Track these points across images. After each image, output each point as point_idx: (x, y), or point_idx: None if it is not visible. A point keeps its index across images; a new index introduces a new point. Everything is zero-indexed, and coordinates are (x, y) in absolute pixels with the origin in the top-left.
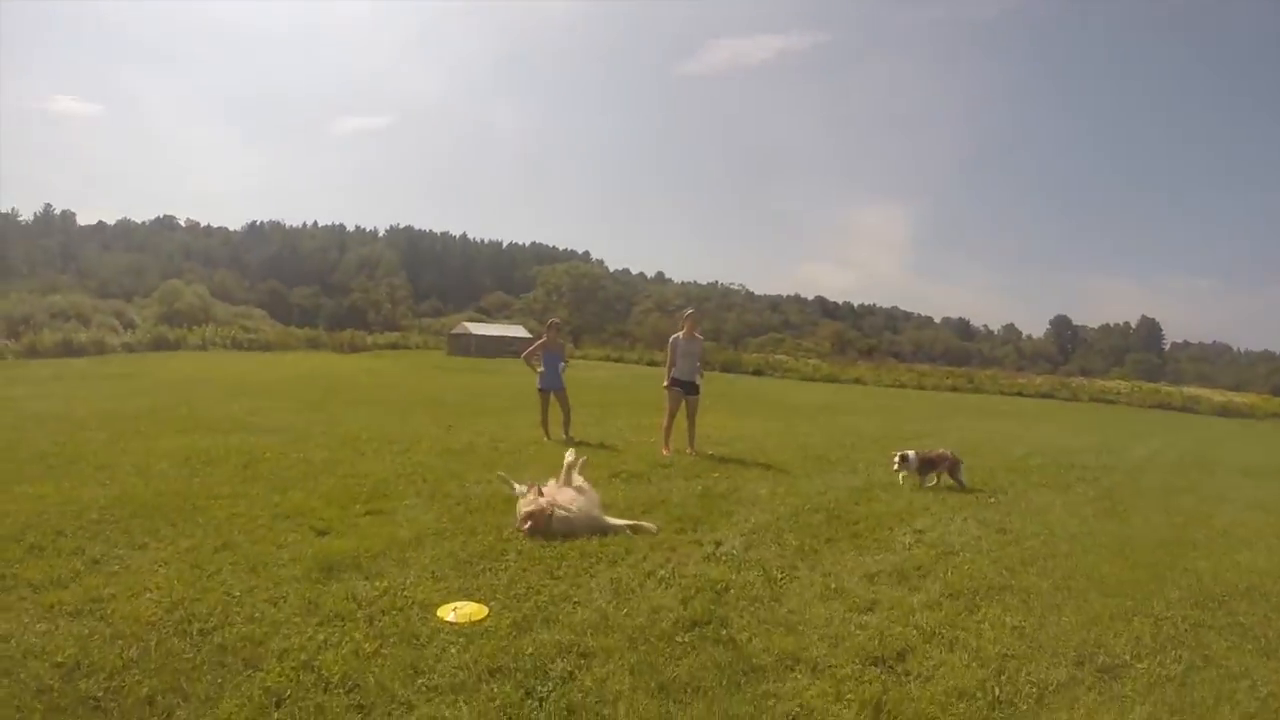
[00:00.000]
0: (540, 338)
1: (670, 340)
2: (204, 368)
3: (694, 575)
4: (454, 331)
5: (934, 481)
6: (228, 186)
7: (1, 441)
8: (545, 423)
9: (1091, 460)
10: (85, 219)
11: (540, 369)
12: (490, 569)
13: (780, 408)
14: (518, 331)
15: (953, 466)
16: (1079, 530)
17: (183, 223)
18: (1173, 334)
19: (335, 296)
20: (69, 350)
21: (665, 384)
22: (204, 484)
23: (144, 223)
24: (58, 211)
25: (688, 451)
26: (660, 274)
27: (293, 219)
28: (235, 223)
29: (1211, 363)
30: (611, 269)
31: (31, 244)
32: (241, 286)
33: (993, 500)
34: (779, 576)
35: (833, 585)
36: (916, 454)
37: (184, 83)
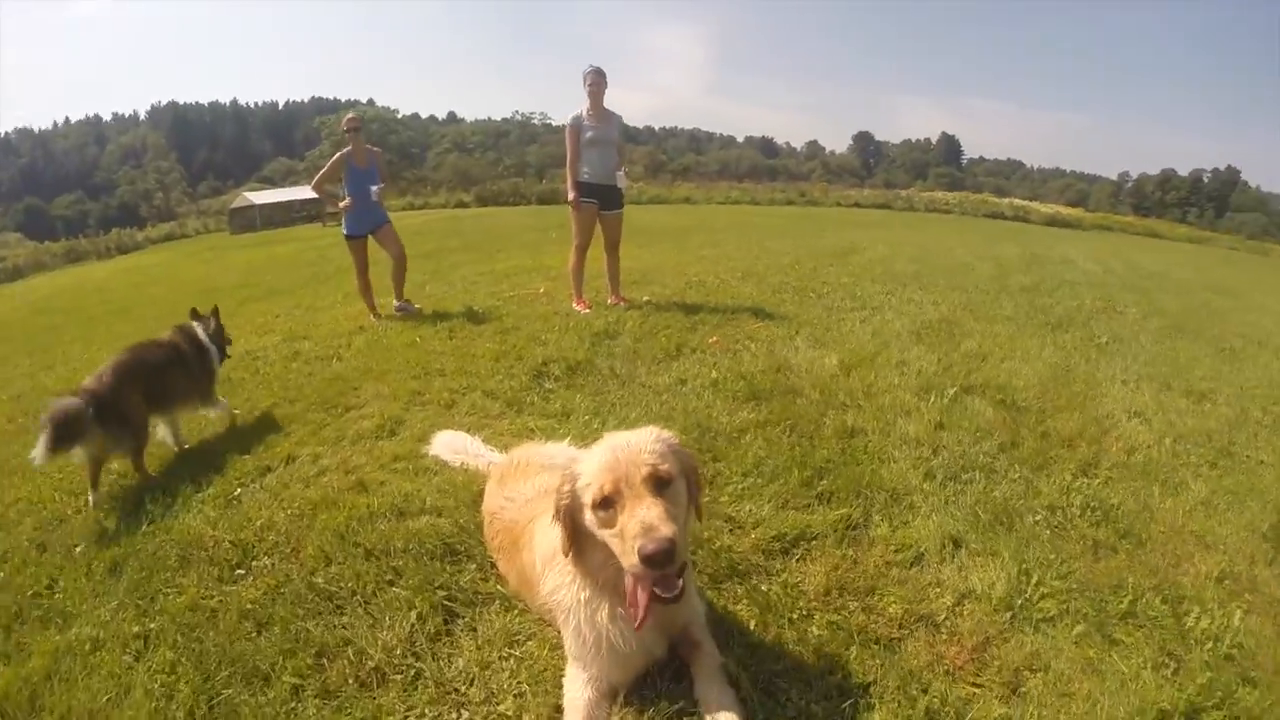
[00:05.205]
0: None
1: (569, 123)
2: None
3: None
4: (234, 206)
5: None
6: None
7: None
8: (368, 289)
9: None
10: None
11: (345, 201)
12: None
13: (643, 233)
14: (308, 193)
15: None
16: None
17: None
18: (970, 150)
19: (101, 198)
20: None
21: (571, 197)
22: None
23: None
24: None
25: (612, 301)
26: (452, 114)
27: (40, 122)
28: None
29: (1007, 177)
30: (400, 115)
31: None
32: None
33: None
34: None
35: None
36: None
37: None
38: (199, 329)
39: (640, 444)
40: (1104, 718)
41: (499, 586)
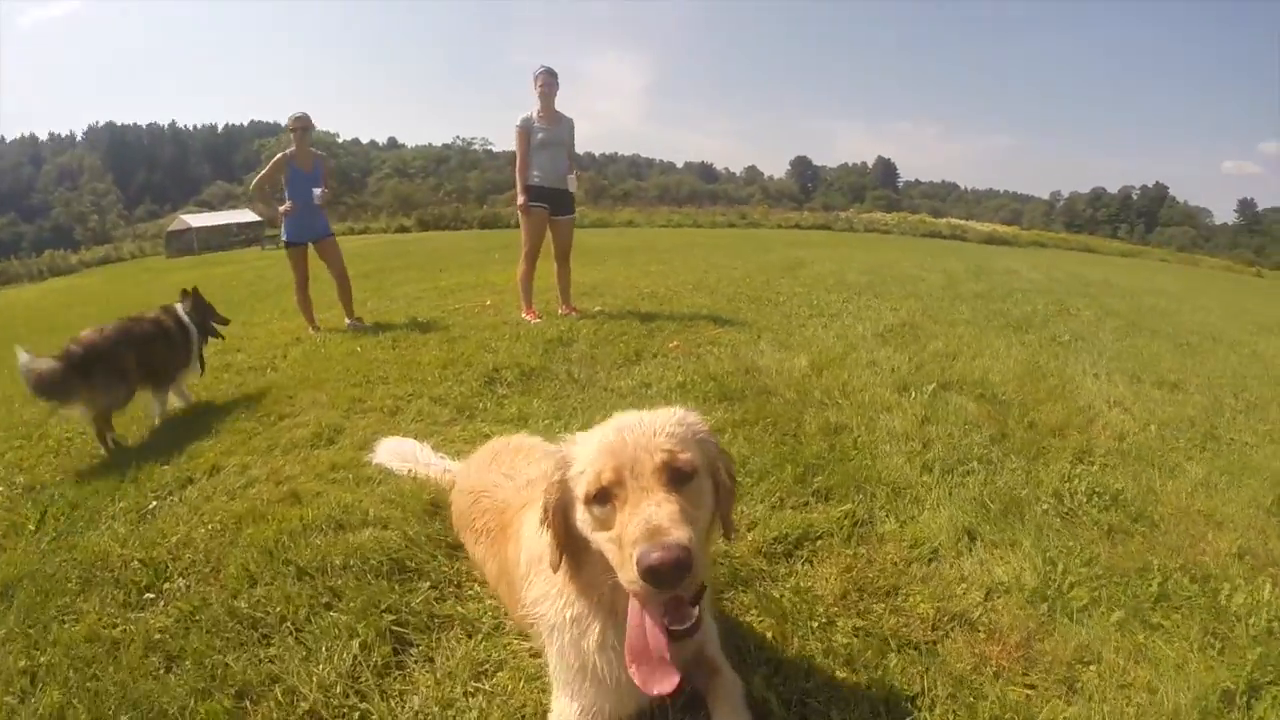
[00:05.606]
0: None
1: (519, 125)
2: None
3: None
4: (171, 229)
5: None
6: None
7: None
8: (307, 303)
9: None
10: None
11: (285, 206)
12: None
13: (589, 253)
14: (247, 216)
15: None
16: None
17: None
18: (906, 174)
19: (36, 220)
20: None
21: (520, 201)
22: None
23: None
24: None
25: (563, 311)
26: (393, 140)
27: None
28: None
29: (942, 199)
30: (341, 140)
31: None
32: None
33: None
34: None
35: None
36: None
37: None
38: (180, 308)
39: (656, 425)
40: (1170, 706)
41: (458, 608)
